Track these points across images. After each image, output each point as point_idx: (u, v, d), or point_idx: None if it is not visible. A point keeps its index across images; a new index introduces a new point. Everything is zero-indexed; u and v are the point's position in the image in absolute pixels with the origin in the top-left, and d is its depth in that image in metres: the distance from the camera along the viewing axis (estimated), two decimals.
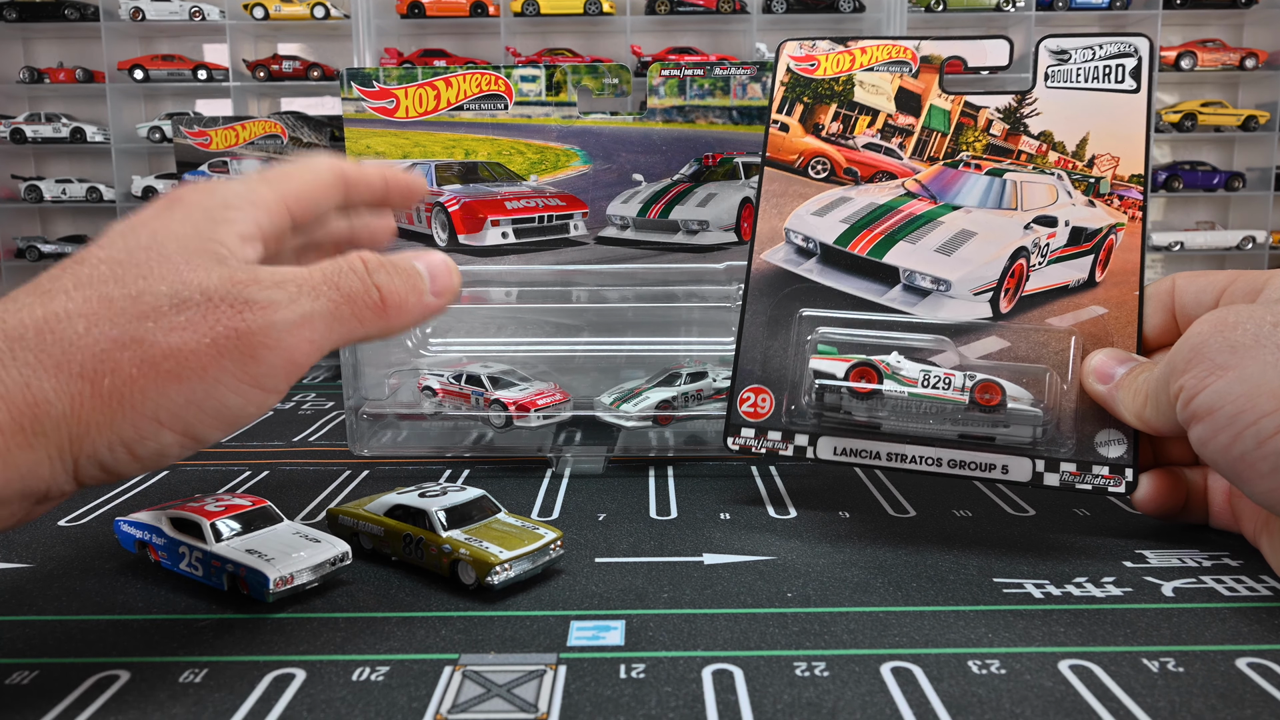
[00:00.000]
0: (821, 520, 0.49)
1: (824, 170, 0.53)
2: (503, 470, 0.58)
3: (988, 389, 0.46)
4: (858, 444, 0.48)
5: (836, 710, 0.31)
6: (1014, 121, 0.50)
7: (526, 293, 0.67)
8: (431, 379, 0.62)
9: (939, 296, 0.49)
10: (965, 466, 0.46)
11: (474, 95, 0.72)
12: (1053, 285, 0.48)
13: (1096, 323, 0.47)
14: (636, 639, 0.36)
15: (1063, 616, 0.38)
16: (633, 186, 0.74)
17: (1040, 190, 0.50)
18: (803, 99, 0.54)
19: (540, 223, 0.74)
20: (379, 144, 0.73)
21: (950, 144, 0.51)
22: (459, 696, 0.32)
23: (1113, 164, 0.49)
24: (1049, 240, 0.49)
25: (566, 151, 0.73)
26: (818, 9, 1.59)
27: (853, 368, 0.47)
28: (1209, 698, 0.31)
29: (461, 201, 0.73)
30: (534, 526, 0.42)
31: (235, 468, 0.60)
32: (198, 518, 0.41)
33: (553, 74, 0.72)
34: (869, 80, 0.53)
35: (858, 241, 0.51)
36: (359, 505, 0.45)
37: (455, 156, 0.73)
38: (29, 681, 0.33)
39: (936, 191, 0.51)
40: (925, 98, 0.52)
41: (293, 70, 1.83)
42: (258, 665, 0.34)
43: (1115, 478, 0.45)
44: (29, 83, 1.58)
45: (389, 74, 0.72)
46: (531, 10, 1.59)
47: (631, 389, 0.61)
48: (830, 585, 0.41)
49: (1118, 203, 0.49)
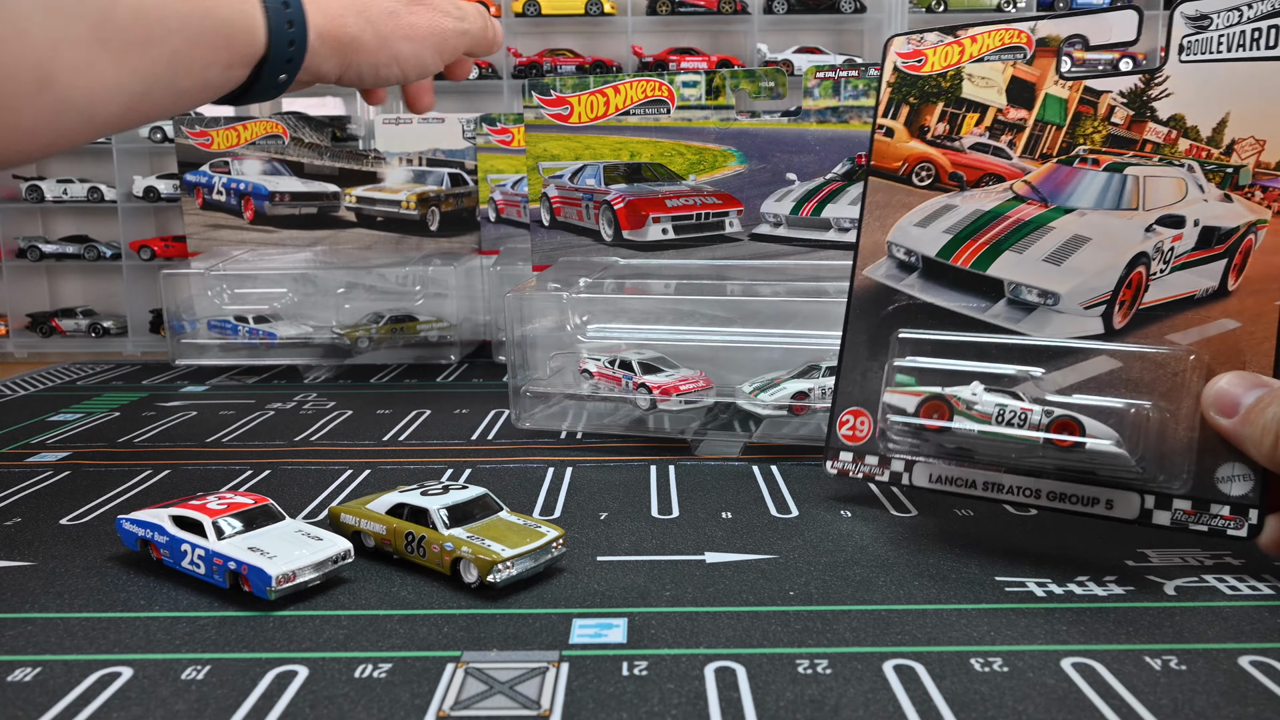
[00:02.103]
0: (823, 519, 0.49)
1: (928, 177, 0.50)
2: (504, 469, 0.58)
3: (1066, 425, 0.40)
4: (954, 471, 0.45)
5: (839, 708, 0.31)
6: (1140, 106, 0.44)
7: (684, 285, 0.70)
8: (590, 363, 0.65)
9: (1046, 311, 0.45)
10: (1066, 500, 0.43)
11: (639, 100, 0.77)
12: (1176, 296, 0.42)
13: (1226, 339, 0.41)
14: (639, 637, 0.36)
15: (1065, 614, 0.37)
16: (786, 185, 0.75)
17: (1166, 185, 0.43)
18: (909, 99, 0.50)
19: (698, 220, 0.77)
20: (555, 147, 0.78)
21: (1066, 138, 0.46)
22: (461, 693, 0.32)
23: (1256, 149, 0.41)
24: (1174, 244, 0.43)
25: (724, 152, 0.76)
26: (819, 9, 1.59)
27: (923, 402, 0.43)
28: (1211, 695, 0.31)
29: (626, 200, 0.78)
30: (536, 525, 0.42)
31: (237, 466, 0.60)
32: (200, 515, 0.41)
33: (712, 79, 0.75)
34: (978, 72, 0.49)
35: (961, 253, 0.47)
36: (361, 504, 0.45)
37: (622, 158, 0.78)
38: (31, 679, 0.33)
39: (1048, 193, 0.46)
40: (1040, 86, 0.47)
41: None
42: (260, 662, 0.34)
43: (1236, 519, 0.40)
44: None
45: (564, 83, 0.77)
46: (533, 10, 1.59)
47: (772, 379, 0.63)
48: (832, 583, 0.41)
49: (1260, 196, 0.41)
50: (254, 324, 0.95)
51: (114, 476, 0.58)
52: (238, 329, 0.95)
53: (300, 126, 1.15)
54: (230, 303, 0.99)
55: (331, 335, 0.95)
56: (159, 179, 1.51)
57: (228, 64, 0.49)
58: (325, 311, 0.98)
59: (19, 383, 0.90)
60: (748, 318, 0.65)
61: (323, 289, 0.99)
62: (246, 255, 1.07)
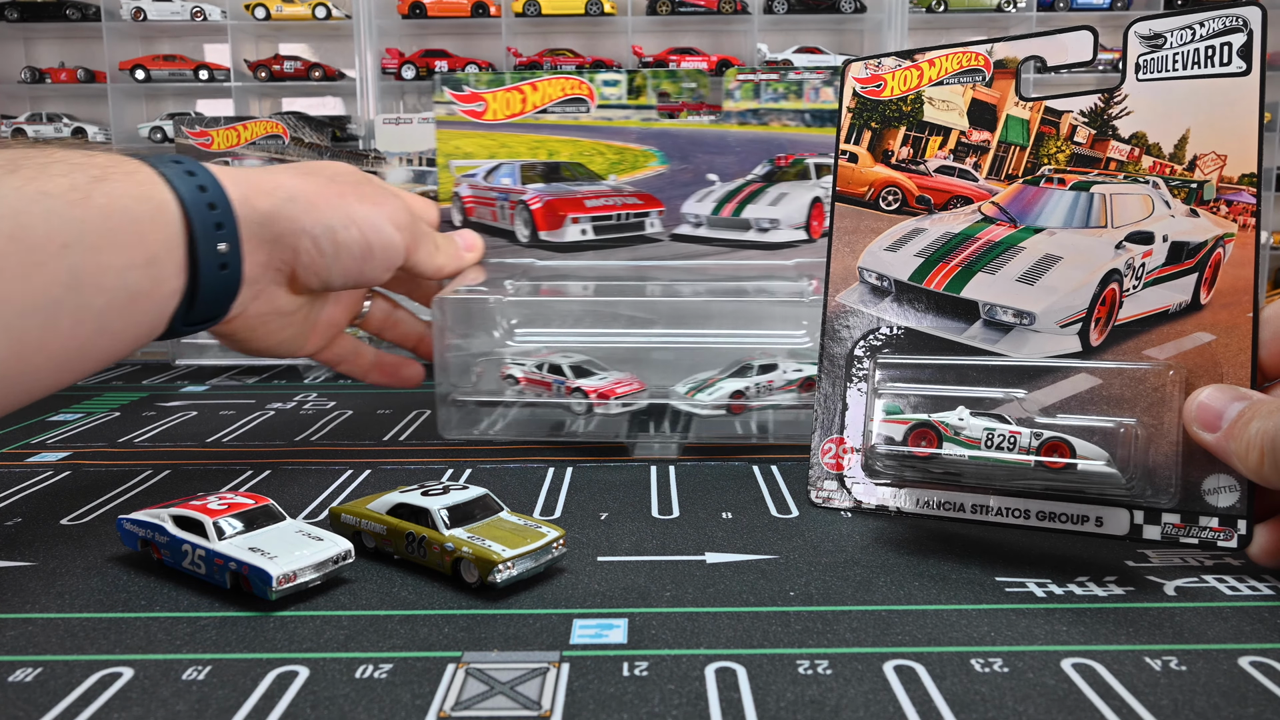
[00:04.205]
0: (823, 519, 0.49)
1: (895, 201, 0.49)
2: (505, 469, 0.58)
3: (1055, 447, 0.40)
4: (940, 495, 0.45)
5: (840, 708, 0.31)
6: (1101, 125, 0.45)
7: (603, 287, 0.69)
8: (515, 368, 0.64)
9: (1022, 331, 0.45)
10: (1055, 519, 0.43)
11: (558, 98, 0.75)
12: (1150, 311, 0.43)
13: (1203, 352, 0.41)
14: (639, 637, 0.36)
15: (1065, 615, 0.38)
16: (707, 186, 0.75)
17: (1133, 202, 0.44)
18: (870, 125, 0.50)
19: (618, 220, 0.76)
20: (468, 145, 0.76)
21: (1030, 158, 0.46)
22: (462, 694, 0.32)
23: (1219, 164, 0.42)
24: (1144, 260, 0.43)
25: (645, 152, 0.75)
26: (819, 9, 1.59)
27: (911, 430, 0.43)
28: (1211, 696, 0.31)
29: (543, 200, 0.76)
30: (536, 525, 0.42)
31: (237, 466, 0.60)
32: (200, 515, 0.41)
33: (633, 78, 0.74)
34: (938, 96, 0.48)
35: (934, 276, 0.47)
36: (361, 504, 0.45)
37: (539, 157, 0.76)
38: (32, 679, 0.33)
39: (1016, 213, 0.46)
40: (1001, 108, 0.47)
41: (294, 70, 1.83)
42: (261, 663, 0.34)
43: (1225, 530, 0.40)
44: (30, 83, 1.58)
45: (479, 78, 0.75)
46: (533, 10, 1.59)
47: (705, 379, 0.62)
48: (833, 584, 0.41)
49: (1225, 210, 0.42)
50: None
51: (114, 476, 0.58)
52: None
53: (300, 126, 1.16)
54: None
55: None
56: None
57: (147, 259, 0.42)
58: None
59: None
60: (670, 318, 0.64)
61: None
62: None
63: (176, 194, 0.44)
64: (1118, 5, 1.75)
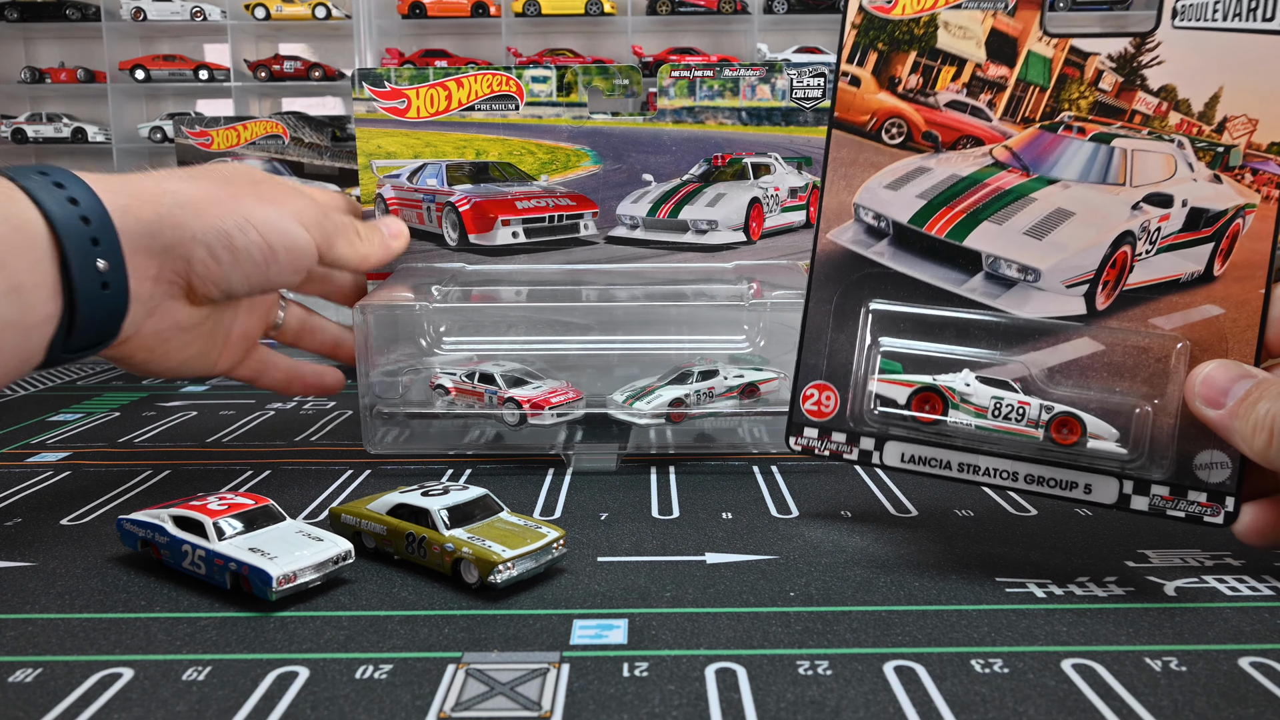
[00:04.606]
0: (824, 519, 0.49)
1: (900, 134, 0.45)
2: (505, 469, 0.58)
3: (1066, 423, 0.40)
4: (928, 452, 0.43)
5: (840, 709, 0.31)
6: (1129, 72, 0.41)
7: (536, 292, 0.67)
8: (444, 378, 0.61)
9: (1026, 288, 0.43)
10: (1044, 483, 0.42)
11: (485, 95, 0.72)
12: (1161, 278, 0.41)
13: (1210, 325, 0.40)
14: (639, 638, 0.36)
15: (1065, 616, 0.38)
16: (642, 187, 0.74)
17: (1155, 161, 0.41)
18: (876, 45, 0.45)
19: (550, 222, 0.74)
20: (390, 144, 0.73)
21: (1050, 102, 0.43)
22: (462, 694, 0.32)
23: (1249, 129, 0.39)
24: (1161, 224, 0.41)
25: (577, 152, 0.73)
26: (819, 9, 1.59)
27: (915, 394, 0.42)
28: (1212, 696, 0.31)
29: (472, 201, 0.73)
30: (536, 525, 0.42)
31: (237, 467, 0.60)
32: (200, 516, 0.41)
33: (563, 75, 0.72)
34: (955, 21, 0.44)
35: (936, 221, 0.44)
36: (361, 504, 0.45)
37: (466, 156, 0.74)
38: (32, 679, 0.33)
39: (1030, 161, 0.43)
40: (1022, 42, 0.43)
41: (294, 70, 1.83)
42: (261, 663, 0.34)
43: (1213, 506, 0.39)
44: (30, 83, 1.58)
45: (400, 74, 0.72)
46: (533, 10, 1.59)
47: (644, 387, 0.61)
48: (833, 584, 0.41)
49: (1250, 178, 0.40)
50: None
51: (114, 477, 0.58)
52: None
53: (300, 126, 1.16)
54: None
55: None
56: None
57: (9, 287, 0.39)
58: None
59: (19, 383, 0.90)
60: (606, 324, 0.62)
61: None
62: None
63: (42, 210, 0.40)
64: (1118, 6, 1.75)
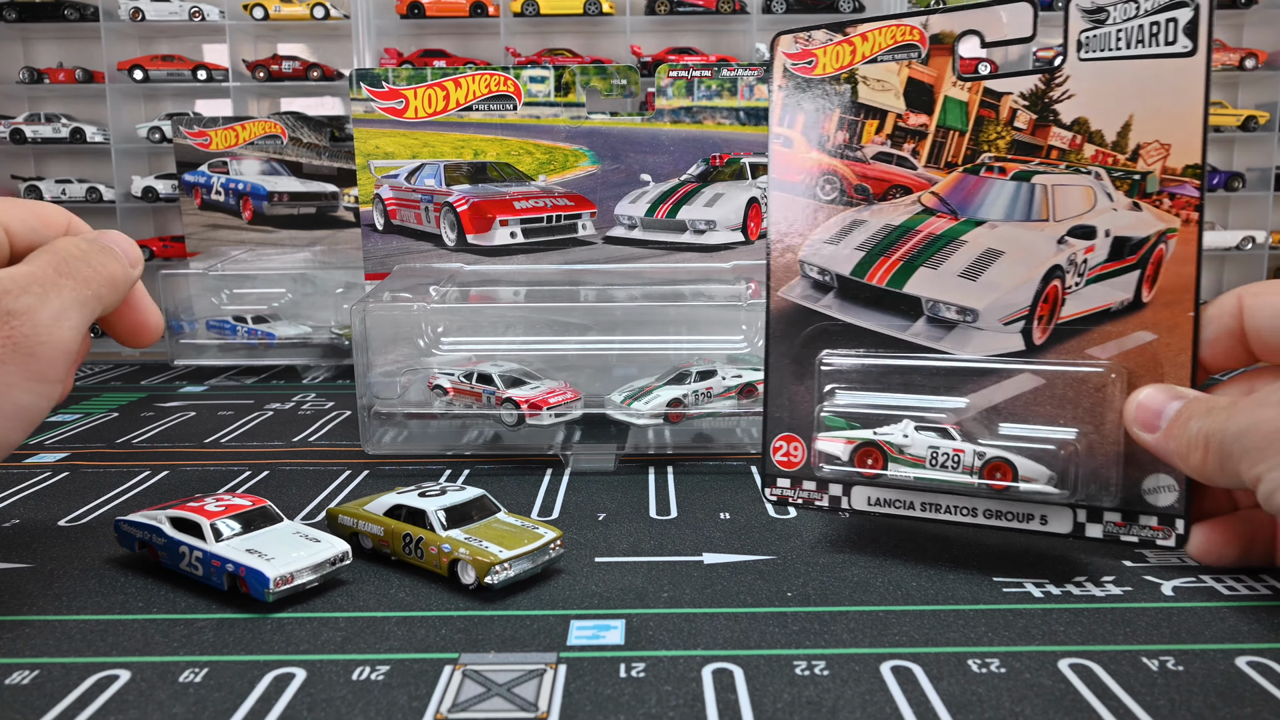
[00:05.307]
0: (821, 520, 0.49)
1: (834, 190, 0.47)
2: (503, 469, 0.58)
3: (999, 468, 0.41)
4: (891, 494, 0.44)
5: (837, 709, 0.31)
6: (1042, 108, 0.42)
7: (535, 292, 0.67)
8: (442, 378, 0.61)
9: (966, 328, 0.44)
10: (1002, 517, 0.42)
11: (483, 96, 0.72)
12: (1093, 309, 0.42)
13: (1144, 351, 0.40)
14: (636, 638, 0.36)
15: (1062, 615, 0.38)
16: (640, 187, 0.74)
17: (1075, 194, 0.42)
18: (803, 106, 0.47)
19: (548, 222, 0.74)
20: (388, 144, 0.73)
21: (970, 144, 0.44)
22: (459, 696, 0.32)
23: (1162, 154, 0.40)
24: (1087, 255, 0.42)
25: (575, 152, 0.73)
26: (817, 9, 1.59)
27: (856, 450, 0.43)
28: (1208, 696, 0.31)
29: (470, 201, 0.73)
30: (534, 526, 0.42)
31: (235, 467, 0.60)
32: (198, 517, 0.41)
33: (561, 75, 0.72)
34: (873, 75, 0.45)
35: (875, 270, 0.45)
36: (359, 505, 0.45)
37: (464, 156, 0.74)
38: (29, 681, 0.33)
39: (957, 205, 0.44)
40: (938, 89, 0.44)
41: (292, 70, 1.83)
42: (258, 665, 0.34)
43: (1164, 529, 0.40)
44: (29, 83, 1.58)
45: (398, 74, 0.72)
46: (531, 10, 1.59)
47: (642, 387, 0.61)
48: (830, 584, 0.41)
49: (1168, 203, 0.40)
50: (253, 324, 0.95)
51: (112, 477, 0.58)
52: (236, 329, 0.95)
53: (299, 126, 1.15)
54: (229, 303, 0.99)
55: (330, 335, 0.95)
56: (157, 179, 1.51)
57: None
58: (324, 311, 0.98)
59: None
60: (605, 324, 0.62)
61: (321, 289, 0.99)
62: (245, 255, 1.07)
63: None
64: None
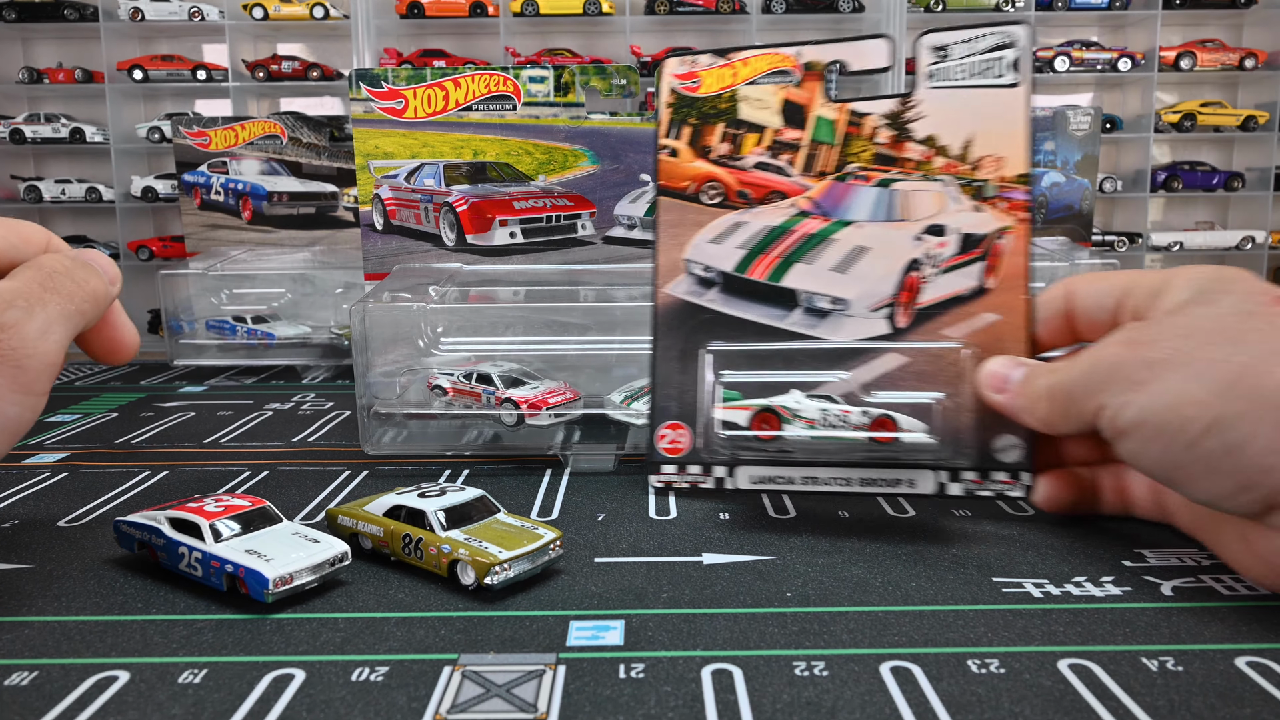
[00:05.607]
0: (820, 520, 0.49)
1: (717, 195, 0.52)
2: (502, 469, 0.58)
3: (883, 423, 0.47)
4: (773, 471, 0.48)
5: (836, 709, 0.31)
6: (899, 127, 0.49)
7: (534, 292, 0.66)
8: (442, 378, 0.61)
9: (838, 316, 0.49)
10: (875, 484, 0.47)
11: (483, 96, 0.72)
12: (946, 295, 0.48)
13: (990, 330, 0.48)
14: (636, 639, 0.36)
15: (1062, 615, 0.38)
16: (640, 186, 0.74)
17: (928, 199, 0.49)
18: (689, 120, 0.52)
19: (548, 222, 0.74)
20: (387, 144, 0.73)
21: (839, 156, 0.50)
22: (458, 696, 0.32)
23: (997, 165, 0.48)
24: (940, 250, 0.49)
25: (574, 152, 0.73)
26: (817, 9, 1.59)
27: (754, 415, 0.48)
28: (1208, 696, 0.31)
29: (469, 201, 0.73)
30: (533, 526, 0.42)
31: (235, 468, 0.60)
32: (197, 518, 0.41)
33: (561, 75, 0.72)
34: (753, 94, 0.51)
35: (755, 267, 0.50)
36: (358, 505, 0.45)
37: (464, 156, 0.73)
38: (28, 682, 0.33)
39: (828, 208, 0.51)
40: (810, 109, 0.51)
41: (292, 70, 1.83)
42: (257, 666, 0.34)
43: (1013, 482, 0.47)
44: (28, 83, 1.58)
45: (398, 74, 0.71)
46: (531, 10, 1.58)
47: (642, 387, 0.61)
48: (829, 585, 0.41)
49: (1004, 205, 0.48)
50: (252, 324, 0.95)
51: (112, 478, 0.58)
52: (236, 329, 0.95)
53: (298, 126, 1.15)
54: (228, 303, 0.99)
55: (330, 335, 0.95)
56: (157, 179, 1.51)
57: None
58: (324, 311, 0.98)
59: None
60: (604, 324, 0.63)
61: (321, 289, 0.99)
62: (245, 255, 1.07)
63: None
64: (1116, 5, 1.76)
